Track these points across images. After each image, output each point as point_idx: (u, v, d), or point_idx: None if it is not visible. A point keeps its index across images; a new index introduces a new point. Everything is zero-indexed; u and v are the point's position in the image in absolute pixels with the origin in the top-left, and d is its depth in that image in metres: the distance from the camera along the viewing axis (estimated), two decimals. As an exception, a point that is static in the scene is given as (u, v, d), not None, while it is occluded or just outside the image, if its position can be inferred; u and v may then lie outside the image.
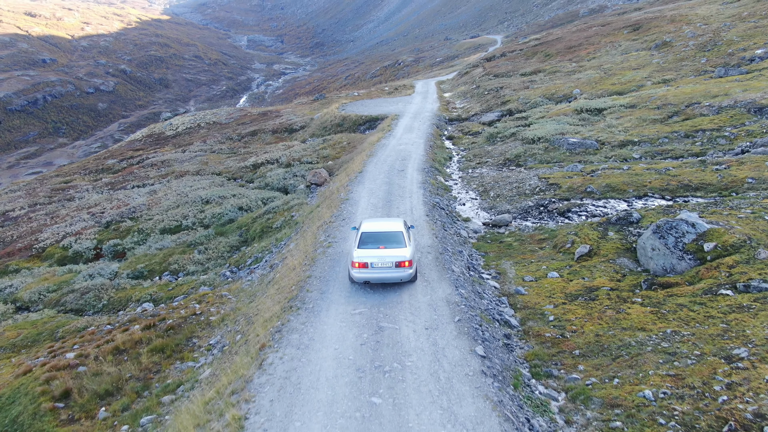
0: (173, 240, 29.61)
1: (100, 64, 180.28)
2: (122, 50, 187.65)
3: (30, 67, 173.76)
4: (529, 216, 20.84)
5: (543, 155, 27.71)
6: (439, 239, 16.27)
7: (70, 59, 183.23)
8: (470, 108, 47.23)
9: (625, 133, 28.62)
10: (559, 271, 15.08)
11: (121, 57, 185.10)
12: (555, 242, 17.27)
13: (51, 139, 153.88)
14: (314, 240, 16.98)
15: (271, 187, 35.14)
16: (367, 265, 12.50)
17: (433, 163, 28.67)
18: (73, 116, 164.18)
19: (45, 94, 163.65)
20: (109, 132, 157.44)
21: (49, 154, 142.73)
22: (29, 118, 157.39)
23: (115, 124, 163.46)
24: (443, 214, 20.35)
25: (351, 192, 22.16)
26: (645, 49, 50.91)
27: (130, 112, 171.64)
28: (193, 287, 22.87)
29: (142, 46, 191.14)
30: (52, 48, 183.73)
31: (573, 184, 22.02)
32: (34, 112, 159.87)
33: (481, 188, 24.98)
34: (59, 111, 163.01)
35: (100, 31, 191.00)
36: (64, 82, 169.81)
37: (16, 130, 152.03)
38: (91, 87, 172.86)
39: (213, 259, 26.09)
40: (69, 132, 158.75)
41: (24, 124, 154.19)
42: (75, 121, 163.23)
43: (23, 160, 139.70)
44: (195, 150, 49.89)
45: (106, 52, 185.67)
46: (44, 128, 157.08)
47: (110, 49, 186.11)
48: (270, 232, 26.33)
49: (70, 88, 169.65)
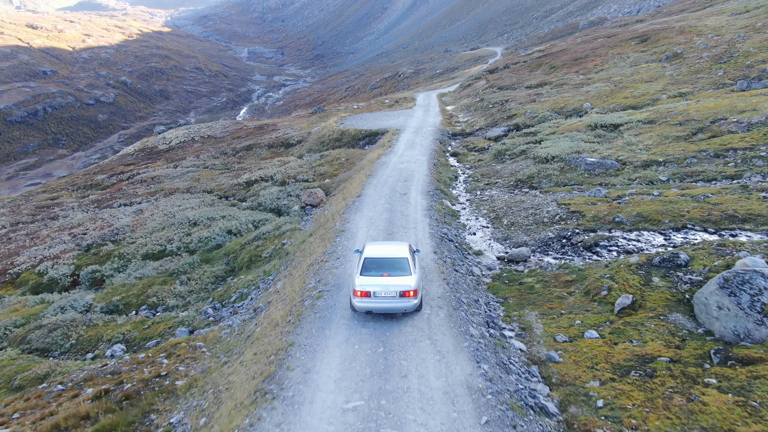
0: (155, 267, 26.76)
1: (100, 76, 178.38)
2: (123, 62, 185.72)
3: (31, 78, 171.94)
4: (550, 249, 18.02)
5: (559, 176, 24.92)
6: (451, 286, 13.46)
7: (71, 71, 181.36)
8: (474, 122, 44.53)
9: (647, 152, 25.87)
10: (598, 328, 12.25)
11: (121, 69, 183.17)
12: (586, 287, 14.44)
13: (51, 151, 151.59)
14: (302, 285, 14.16)
15: (264, 208, 32.35)
16: (369, 294, 11.57)
17: (438, 185, 25.89)
18: (73, 127, 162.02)
19: (45, 106, 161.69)
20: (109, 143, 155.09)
21: (49, 166, 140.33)
22: (29, 130, 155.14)
23: (115, 135, 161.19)
24: (452, 249, 17.53)
25: (347, 221, 19.34)
26: (655, 60, 48.31)
27: (131, 124, 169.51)
28: (169, 327, 20.10)
29: (143, 57, 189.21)
30: (53, 60, 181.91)
31: (598, 212, 19.21)
32: (34, 123, 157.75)
33: (492, 214, 22.18)
34: (59, 122, 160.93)
35: (101, 43, 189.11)
36: (64, 94, 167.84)
37: (15, 141, 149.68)
38: (91, 98, 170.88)
39: (195, 292, 23.24)
40: (69, 143, 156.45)
41: (24, 136, 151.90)
42: (75, 133, 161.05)
43: (23, 171, 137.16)
44: (187, 165, 47.14)
45: (107, 63, 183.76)
46: (44, 139, 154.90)
47: (111, 61, 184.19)
48: (258, 262, 23.50)
49: (70, 99, 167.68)
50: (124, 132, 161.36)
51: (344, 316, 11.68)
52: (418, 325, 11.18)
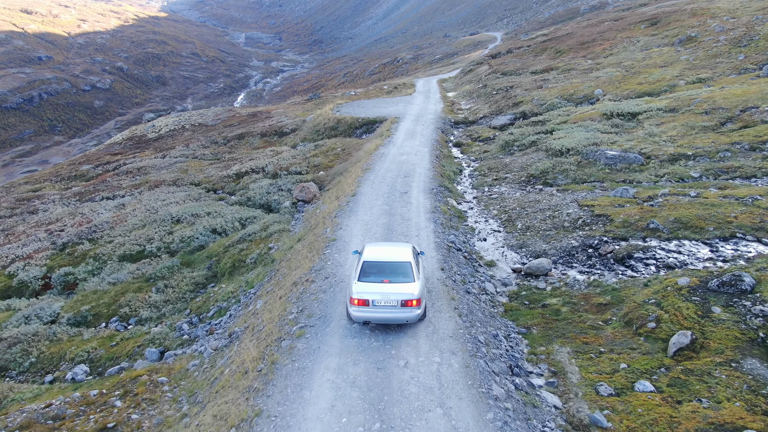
0: (131, 272, 24.04)
1: (96, 62, 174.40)
2: (119, 47, 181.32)
3: (26, 64, 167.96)
4: (574, 261, 15.31)
5: (576, 172, 22.12)
6: (465, 318, 10.78)
7: (67, 56, 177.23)
8: (478, 110, 41.60)
9: (673, 144, 23.06)
10: (651, 377, 9.59)
11: (117, 54, 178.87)
12: (626, 314, 11.77)
13: (47, 137, 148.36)
14: (282, 312, 11.47)
15: (253, 203, 29.58)
16: (367, 303, 10.28)
17: (442, 180, 23.09)
18: (69, 114, 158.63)
19: (41, 92, 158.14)
20: (105, 130, 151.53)
21: (45, 153, 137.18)
22: (25, 116, 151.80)
23: (112, 122, 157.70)
24: (461, 261, 14.81)
25: (339, 227, 16.58)
26: (667, 44, 45.26)
27: (127, 110, 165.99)
28: (139, 345, 17.50)
29: (139, 43, 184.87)
30: (48, 45, 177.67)
31: (628, 216, 16.47)
32: (30, 109, 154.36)
33: (503, 215, 19.44)
34: (55, 109, 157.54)
35: (96, 28, 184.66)
36: (60, 80, 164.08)
37: (11, 128, 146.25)
38: (87, 84, 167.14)
39: (172, 302, 20.57)
40: (65, 130, 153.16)
41: (19, 122, 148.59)
42: (71, 119, 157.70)
43: (18, 158, 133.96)
44: (176, 155, 44.22)
45: (103, 49, 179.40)
46: (40, 126, 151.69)
47: (107, 47, 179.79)
48: (242, 269, 20.80)
49: (66, 85, 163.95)
50: (121, 118, 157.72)
51: (329, 367, 9.01)
52: (427, 383, 8.51)
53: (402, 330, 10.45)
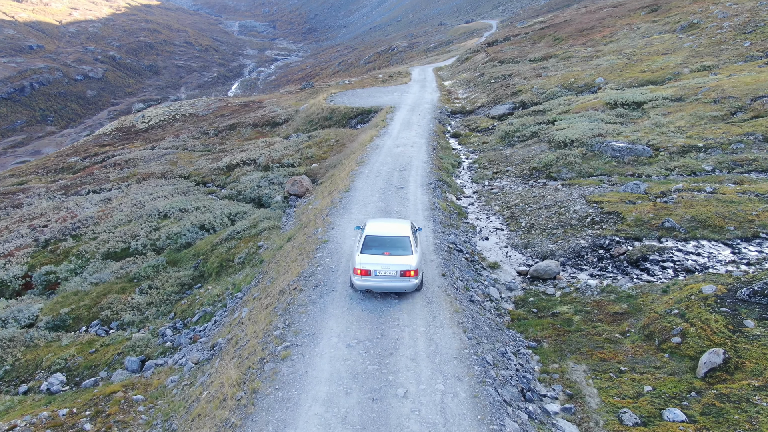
0: (114, 271, 22.78)
1: (88, 51, 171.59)
2: (111, 36, 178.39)
3: (17, 53, 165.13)
4: (584, 263, 14.15)
5: (581, 165, 20.90)
6: (470, 335, 9.60)
7: (58, 46, 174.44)
8: (475, 99, 40.25)
9: (683, 135, 21.87)
10: (681, 402, 8.46)
11: (110, 43, 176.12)
12: (645, 325, 10.63)
13: (39, 128, 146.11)
14: (267, 326, 10.28)
15: (244, 197, 28.27)
16: (369, 273, 11.15)
17: (440, 174, 21.85)
18: (61, 104, 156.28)
19: (32, 82, 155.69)
20: (98, 120, 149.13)
21: (37, 143, 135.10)
22: (16, 106, 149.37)
23: (105, 111, 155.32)
24: (463, 264, 13.63)
25: (332, 227, 15.34)
26: (669, 31, 43.93)
27: (120, 100, 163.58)
28: (119, 353, 16.32)
29: (132, 32, 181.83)
30: (39, 34, 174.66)
31: (641, 214, 15.28)
32: (21, 99, 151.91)
33: (506, 212, 18.24)
34: (47, 99, 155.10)
35: (88, 16, 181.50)
36: (51, 69, 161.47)
37: (2, 118, 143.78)
38: (79, 74, 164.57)
39: (156, 304, 19.34)
40: (57, 120, 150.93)
41: (11, 113, 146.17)
42: (63, 109, 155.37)
43: (10, 149, 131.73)
44: (165, 147, 42.77)
45: (95, 38, 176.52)
46: (32, 116, 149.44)
47: (99, 35, 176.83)
48: (230, 269, 19.58)
49: (58, 75, 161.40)
50: (114, 108, 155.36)
51: (317, 398, 7.83)
52: (430, 417, 7.34)
53: (400, 348, 9.27)
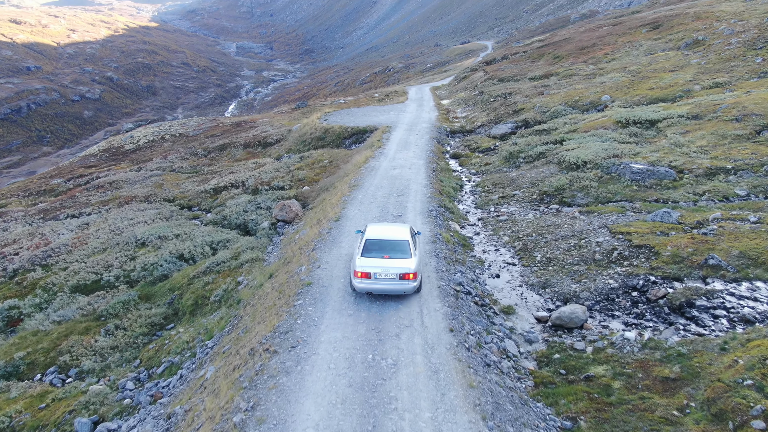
0: (81, 307, 20.30)
1: (86, 72, 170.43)
2: (109, 57, 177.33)
3: (14, 74, 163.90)
4: (616, 308, 11.80)
5: (598, 189, 18.65)
6: (490, 420, 7.23)
7: (56, 67, 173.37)
8: (475, 118, 38.18)
9: (706, 156, 19.69)
10: None
11: (107, 64, 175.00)
12: (711, 401, 8.25)
13: (35, 148, 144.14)
14: (227, 407, 7.86)
15: (229, 223, 25.89)
16: (370, 275, 11.14)
17: (441, 199, 19.57)
18: (57, 124, 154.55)
19: (29, 102, 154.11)
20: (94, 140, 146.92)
21: (33, 164, 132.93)
22: (12, 127, 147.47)
23: (101, 132, 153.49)
24: (473, 311, 11.27)
25: (317, 265, 12.96)
26: (673, 48, 42.17)
27: (117, 120, 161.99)
28: (71, 410, 13.93)
29: (130, 53, 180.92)
30: (37, 55, 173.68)
31: (678, 248, 12.98)
32: (18, 120, 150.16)
33: (517, 243, 15.91)
34: (44, 119, 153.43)
35: (86, 38, 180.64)
36: (48, 90, 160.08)
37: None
38: (76, 95, 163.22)
39: (121, 349, 16.85)
40: (53, 140, 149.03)
41: (7, 133, 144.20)
42: (60, 130, 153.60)
43: (6, 169, 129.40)
44: (152, 168, 40.50)
45: (93, 59, 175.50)
46: (28, 137, 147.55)
47: (97, 57, 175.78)
48: (205, 308, 17.15)
49: (55, 95, 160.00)
50: (111, 129, 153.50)
51: None
52: None
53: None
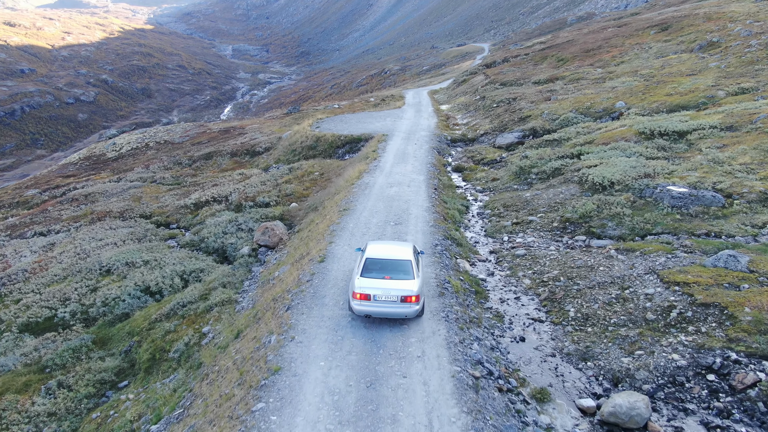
0: (26, 354, 17.12)
1: (80, 74, 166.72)
2: (104, 60, 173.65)
3: (8, 77, 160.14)
4: (688, 396, 8.68)
5: (633, 217, 15.49)
6: None
7: (50, 69, 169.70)
8: (477, 125, 35.05)
9: (755, 176, 16.61)
10: None
11: (102, 67, 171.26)
12: None
13: (28, 151, 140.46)
14: None
15: (206, 246, 22.71)
16: (369, 297, 10.19)
17: (447, 227, 16.41)
18: (51, 127, 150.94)
19: (23, 105, 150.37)
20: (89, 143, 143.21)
21: (27, 167, 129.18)
22: (6, 130, 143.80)
23: (96, 135, 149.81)
24: (498, 405, 8.14)
25: (290, 336, 9.77)
26: (686, 51, 39.13)
27: (112, 123, 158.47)
28: None
29: (125, 55, 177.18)
30: (31, 58, 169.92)
31: (759, 311, 9.87)
32: (12, 123, 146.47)
33: (541, 288, 12.77)
34: (37, 122, 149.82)
35: (81, 40, 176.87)
36: (43, 93, 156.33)
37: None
38: (71, 97, 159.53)
39: (60, 417, 13.72)
40: (47, 143, 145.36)
41: (0, 136, 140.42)
42: (54, 133, 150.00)
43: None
44: (132, 179, 37.24)
45: (87, 61, 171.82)
46: (22, 140, 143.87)
47: (91, 59, 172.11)
48: (162, 366, 13.97)
49: (49, 98, 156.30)
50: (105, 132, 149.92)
51: None
52: None
53: None
